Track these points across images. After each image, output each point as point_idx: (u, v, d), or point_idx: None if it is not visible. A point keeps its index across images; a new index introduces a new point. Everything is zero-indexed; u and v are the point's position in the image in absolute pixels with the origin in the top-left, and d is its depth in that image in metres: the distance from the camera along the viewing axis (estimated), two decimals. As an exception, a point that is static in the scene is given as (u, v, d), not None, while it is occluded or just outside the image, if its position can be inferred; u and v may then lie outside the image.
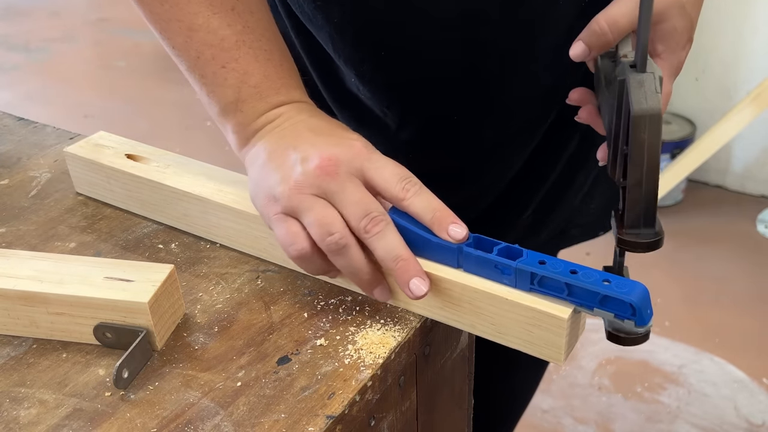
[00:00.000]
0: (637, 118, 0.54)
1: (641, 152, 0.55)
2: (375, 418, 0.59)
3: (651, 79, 0.55)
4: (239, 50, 0.63)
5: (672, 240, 2.26)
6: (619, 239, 0.57)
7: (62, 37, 3.67)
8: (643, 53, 0.55)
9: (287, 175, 0.59)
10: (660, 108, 0.54)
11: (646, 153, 0.55)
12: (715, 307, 2.01)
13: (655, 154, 0.55)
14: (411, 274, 0.58)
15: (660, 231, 0.57)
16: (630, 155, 0.55)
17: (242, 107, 0.63)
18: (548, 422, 1.72)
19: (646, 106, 0.54)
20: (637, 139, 0.54)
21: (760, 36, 2.24)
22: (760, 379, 1.81)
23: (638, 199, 0.56)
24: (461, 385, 0.72)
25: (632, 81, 0.55)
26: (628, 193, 0.56)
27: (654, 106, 0.54)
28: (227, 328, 0.61)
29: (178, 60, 0.65)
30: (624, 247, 0.58)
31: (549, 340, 0.56)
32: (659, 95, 0.54)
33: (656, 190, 0.56)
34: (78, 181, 0.77)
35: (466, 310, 0.59)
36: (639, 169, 0.55)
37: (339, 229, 0.58)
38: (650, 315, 0.54)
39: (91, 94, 3.20)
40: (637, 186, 0.55)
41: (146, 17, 0.65)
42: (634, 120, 0.54)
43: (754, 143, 2.38)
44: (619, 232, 0.58)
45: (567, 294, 0.55)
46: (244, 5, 0.63)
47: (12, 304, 0.59)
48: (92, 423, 0.53)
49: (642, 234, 0.57)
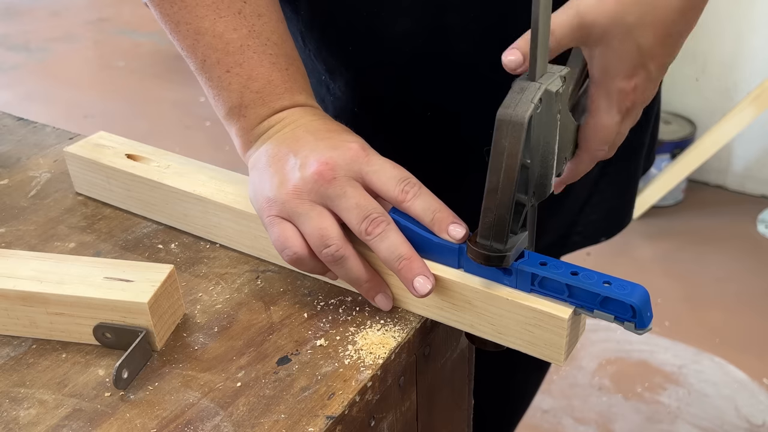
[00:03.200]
0: (499, 121, 0.52)
1: (500, 158, 0.52)
2: (375, 419, 0.59)
3: (534, 88, 0.52)
4: (243, 54, 0.63)
5: (672, 240, 2.26)
6: (468, 247, 0.56)
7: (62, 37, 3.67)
8: (532, 62, 0.53)
9: (286, 179, 0.59)
10: (525, 118, 0.51)
11: (505, 161, 0.52)
12: (715, 307, 2.01)
13: (513, 164, 0.52)
14: (415, 272, 0.58)
15: (508, 249, 0.54)
16: (490, 159, 0.53)
17: (245, 112, 0.63)
18: (548, 422, 1.72)
19: (512, 112, 0.51)
20: (497, 144, 0.52)
21: (760, 36, 2.24)
22: (760, 380, 1.81)
23: (491, 207, 0.54)
24: (461, 385, 0.72)
25: (515, 86, 0.53)
26: (483, 200, 0.54)
27: (520, 114, 0.51)
28: (227, 329, 0.61)
29: (187, 60, 0.66)
30: (469, 255, 0.56)
31: (549, 340, 0.56)
32: (533, 105, 0.52)
33: (510, 203, 0.53)
34: (78, 181, 0.77)
35: (466, 310, 0.59)
36: (496, 176, 0.53)
37: (336, 241, 0.58)
38: (650, 317, 0.53)
39: (91, 94, 3.20)
40: (493, 193, 0.53)
41: (158, 17, 0.65)
42: (497, 123, 0.52)
43: (754, 143, 2.38)
44: (470, 239, 0.56)
45: (567, 295, 0.55)
46: (252, 8, 0.63)
47: (12, 304, 0.59)
48: (92, 423, 0.53)
49: (491, 247, 0.54)
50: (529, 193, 0.56)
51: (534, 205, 0.58)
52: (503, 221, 0.54)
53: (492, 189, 0.53)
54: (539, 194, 0.57)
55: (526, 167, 0.54)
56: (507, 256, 0.54)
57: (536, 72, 0.53)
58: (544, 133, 0.55)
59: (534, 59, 0.53)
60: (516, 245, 0.55)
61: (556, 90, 0.54)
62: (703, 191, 2.47)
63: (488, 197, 0.53)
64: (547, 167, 0.57)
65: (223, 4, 0.63)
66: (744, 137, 2.35)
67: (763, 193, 2.43)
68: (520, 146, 0.52)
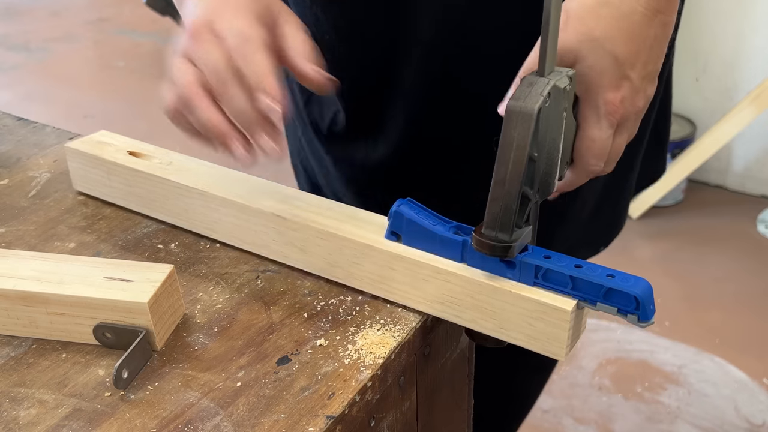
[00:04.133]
0: (509, 112, 0.53)
1: (509, 150, 0.53)
2: (375, 419, 0.59)
3: (543, 83, 0.53)
4: None
5: (672, 240, 2.26)
6: (473, 237, 0.56)
7: (62, 37, 3.67)
8: (542, 58, 0.53)
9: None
10: (534, 110, 0.52)
11: (513, 152, 0.53)
12: (715, 307, 2.01)
13: (521, 156, 0.53)
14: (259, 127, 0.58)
15: (513, 240, 0.55)
16: (499, 150, 0.53)
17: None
18: (548, 422, 1.72)
19: (522, 104, 0.52)
20: (507, 135, 0.53)
21: (760, 36, 2.24)
22: (760, 379, 1.81)
23: (498, 198, 0.54)
24: (461, 385, 0.72)
25: (524, 81, 0.54)
26: (491, 190, 0.54)
27: (530, 106, 0.52)
28: (227, 329, 0.61)
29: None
30: (473, 245, 0.56)
31: (551, 333, 0.56)
32: (542, 98, 0.52)
33: (516, 195, 0.54)
34: (77, 178, 0.77)
35: (468, 304, 0.59)
36: (504, 167, 0.53)
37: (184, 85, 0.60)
38: (653, 310, 0.54)
39: (91, 94, 3.20)
40: (500, 184, 0.54)
41: None
42: (507, 113, 0.53)
43: (754, 143, 2.38)
44: (475, 230, 0.56)
45: (571, 288, 0.55)
46: None
47: (12, 304, 0.59)
48: (92, 423, 0.53)
49: (497, 237, 0.55)
50: (534, 187, 0.56)
51: (537, 202, 0.58)
52: (510, 212, 0.54)
53: (500, 180, 0.54)
54: (543, 191, 0.58)
55: (534, 160, 0.55)
56: (512, 246, 0.55)
57: (545, 68, 0.54)
58: (550, 128, 0.56)
59: (544, 56, 0.54)
60: (521, 238, 0.55)
61: (563, 87, 0.55)
62: (703, 191, 2.47)
63: (495, 188, 0.54)
64: (551, 164, 0.57)
65: None
66: (744, 137, 2.35)
67: (763, 193, 2.43)
68: (529, 137, 0.52)
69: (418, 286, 0.60)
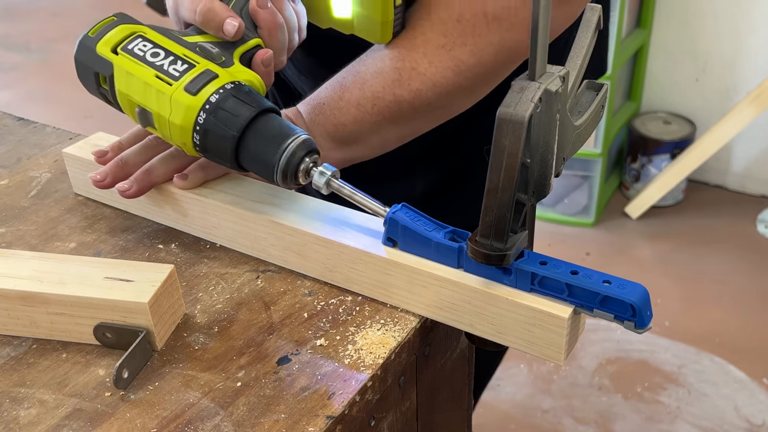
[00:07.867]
0: (499, 120, 0.52)
1: (501, 157, 0.52)
2: (375, 418, 0.59)
3: (534, 88, 0.52)
4: None
5: (672, 240, 2.26)
6: (469, 246, 0.56)
7: (62, 37, 3.67)
8: (532, 61, 0.53)
9: None
10: (525, 117, 0.51)
11: (506, 160, 0.52)
12: (715, 307, 2.01)
13: (513, 163, 0.52)
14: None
15: (508, 248, 0.54)
16: (491, 158, 0.53)
17: None
18: (548, 422, 1.72)
19: (512, 111, 0.51)
20: (498, 143, 0.52)
21: (760, 36, 2.24)
22: (760, 379, 1.81)
23: (491, 206, 0.53)
24: (461, 385, 0.72)
25: (514, 85, 0.53)
26: (484, 198, 0.54)
27: (520, 113, 0.51)
28: (227, 328, 0.61)
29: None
30: (469, 254, 0.56)
31: (549, 339, 0.56)
32: (533, 104, 0.51)
33: (510, 202, 0.53)
34: (77, 182, 0.77)
35: (466, 310, 0.59)
36: (497, 175, 0.53)
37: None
38: (650, 316, 0.53)
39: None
40: (494, 192, 0.53)
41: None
42: (497, 122, 0.52)
43: (754, 143, 2.38)
44: (470, 238, 0.56)
45: (567, 294, 0.55)
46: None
47: (12, 304, 0.59)
48: (92, 423, 0.53)
49: (492, 246, 0.54)
50: (529, 192, 0.56)
51: (533, 205, 0.58)
52: (504, 220, 0.54)
53: (492, 188, 0.53)
54: (539, 194, 0.57)
55: (526, 166, 0.55)
56: (507, 254, 0.54)
57: (536, 71, 0.53)
58: (543, 132, 0.55)
59: (534, 59, 0.53)
60: (516, 244, 0.55)
61: (555, 90, 0.54)
62: (703, 191, 2.47)
63: (489, 196, 0.54)
64: (546, 167, 0.57)
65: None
66: (744, 137, 2.35)
67: (763, 193, 2.43)
68: (521, 145, 0.52)
69: (416, 291, 0.60)
